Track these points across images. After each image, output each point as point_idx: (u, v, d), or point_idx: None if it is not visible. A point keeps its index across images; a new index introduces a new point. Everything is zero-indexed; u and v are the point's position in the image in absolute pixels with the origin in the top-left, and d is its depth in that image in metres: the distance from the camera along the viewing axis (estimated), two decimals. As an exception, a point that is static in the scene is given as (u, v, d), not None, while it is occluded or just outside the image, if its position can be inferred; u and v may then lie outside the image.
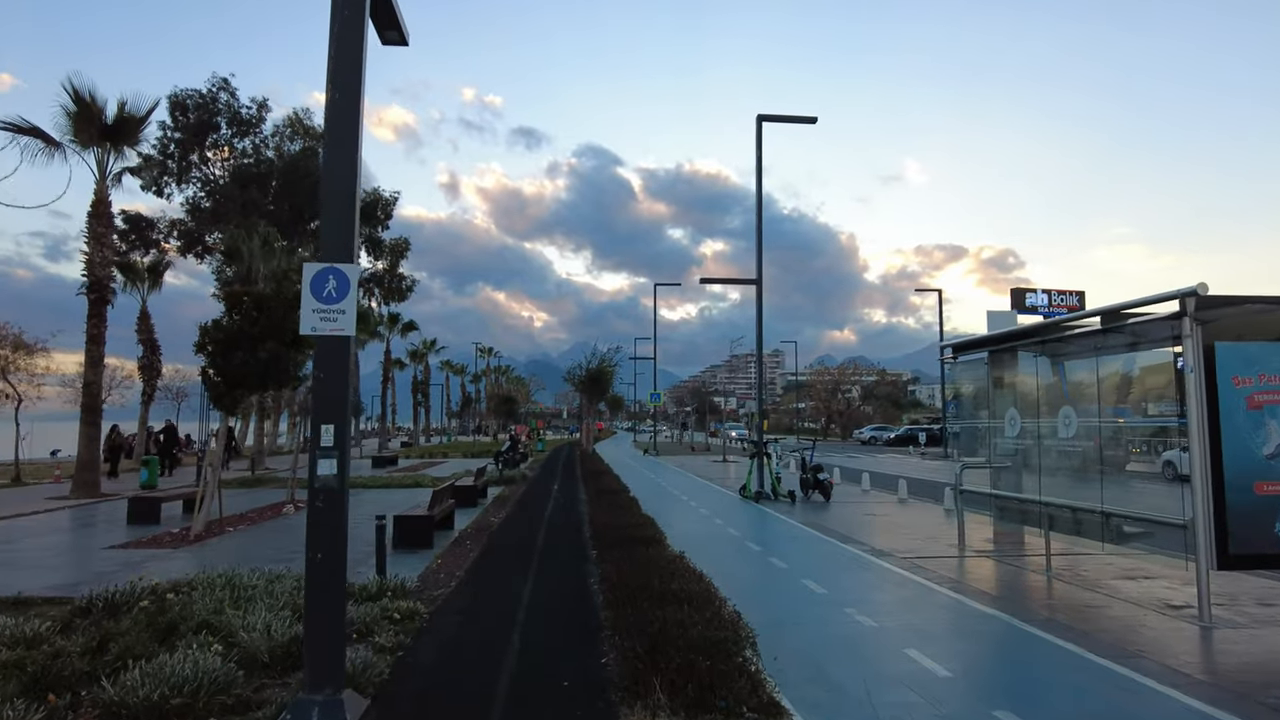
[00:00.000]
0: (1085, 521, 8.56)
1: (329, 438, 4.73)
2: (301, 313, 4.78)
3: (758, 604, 7.47)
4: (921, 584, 8.69)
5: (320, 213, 5.03)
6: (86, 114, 18.82)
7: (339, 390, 4.78)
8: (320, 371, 4.80)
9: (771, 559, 10.08)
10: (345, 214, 4.91)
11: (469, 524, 13.58)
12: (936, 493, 19.51)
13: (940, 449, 46.07)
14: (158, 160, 36.80)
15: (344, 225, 4.89)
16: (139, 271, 31.74)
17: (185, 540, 11.88)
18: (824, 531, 12.72)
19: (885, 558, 10.35)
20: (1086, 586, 8.50)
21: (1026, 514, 9.93)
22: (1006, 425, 10.32)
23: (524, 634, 6.60)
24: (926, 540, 11.91)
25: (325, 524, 4.70)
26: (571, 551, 10.64)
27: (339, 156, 4.94)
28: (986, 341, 11.00)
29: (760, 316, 18.41)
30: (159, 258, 32.14)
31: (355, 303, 4.83)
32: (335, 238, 4.87)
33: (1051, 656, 6.00)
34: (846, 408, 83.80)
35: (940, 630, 6.85)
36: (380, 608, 7.14)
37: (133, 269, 30.77)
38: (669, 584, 6.50)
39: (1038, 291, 46.61)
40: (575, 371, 45.68)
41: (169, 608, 6.78)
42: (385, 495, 18.95)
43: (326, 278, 4.80)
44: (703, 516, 14.99)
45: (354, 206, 4.94)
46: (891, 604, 7.78)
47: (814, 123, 18.56)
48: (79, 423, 19.02)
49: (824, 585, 8.55)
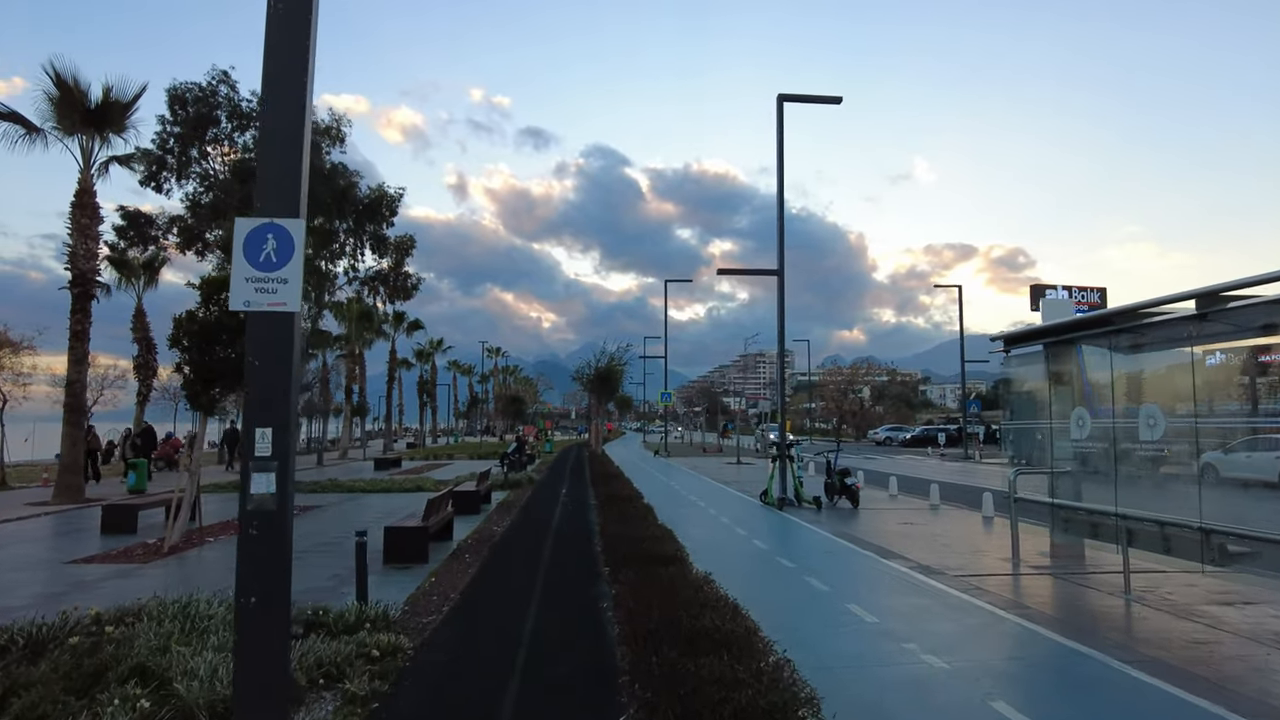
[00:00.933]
0: (1177, 538, 7.37)
1: (265, 445, 3.62)
2: (231, 282, 3.67)
3: (802, 638, 6.33)
4: (986, 610, 7.52)
5: (257, 155, 3.92)
6: (69, 98, 17.85)
7: (279, 383, 3.68)
8: (255, 358, 3.69)
9: (808, 579, 8.92)
10: (289, 155, 3.80)
11: (470, 534, 12.49)
12: (969, 498, 18.31)
13: (960, 450, 44.71)
14: (156, 155, 35.93)
15: (287, 170, 3.78)
16: (134, 268, 30.82)
17: (158, 553, 10.82)
18: (859, 544, 11.55)
19: (936, 576, 9.17)
20: (1179, 614, 7.31)
21: (1098, 527, 8.74)
22: (1073, 426, 9.13)
23: (526, 676, 5.49)
24: (974, 554, 10.73)
25: (260, 558, 3.59)
26: (581, 568, 9.52)
27: (283, 82, 3.83)
28: (1046, 332, 9.81)
29: (782, 309, 17.23)
30: (155, 253, 31.19)
31: (301, 269, 3.72)
32: (276, 186, 3.77)
33: (1181, 717, 4.83)
34: (859, 408, 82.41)
35: (1025, 672, 5.69)
36: (357, 643, 6.03)
37: (128, 265, 29.84)
38: (698, 619, 5.36)
39: (1057, 288, 45.18)
40: (584, 370, 44.53)
41: (104, 645, 5.70)
42: (384, 500, 17.90)
43: (264, 237, 3.70)
44: (723, 525, 13.83)
45: (301, 146, 3.83)
46: (958, 637, 6.62)
47: (839, 103, 17.38)
48: (61, 423, 18.03)
49: (874, 612, 7.39)
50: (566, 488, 20.98)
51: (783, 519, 14.62)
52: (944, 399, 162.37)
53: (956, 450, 46.24)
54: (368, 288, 46.39)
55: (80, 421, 18.18)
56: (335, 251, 37.84)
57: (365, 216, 38.42)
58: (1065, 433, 9.72)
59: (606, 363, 43.53)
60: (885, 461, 36.07)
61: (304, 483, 22.37)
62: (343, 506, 16.73)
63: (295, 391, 3.70)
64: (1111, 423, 8.40)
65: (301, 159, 3.81)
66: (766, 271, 17.68)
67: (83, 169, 18.58)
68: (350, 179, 36.06)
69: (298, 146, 3.79)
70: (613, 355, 43.87)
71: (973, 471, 30.34)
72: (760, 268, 19.10)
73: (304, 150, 3.82)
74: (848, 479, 16.35)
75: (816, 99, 17.51)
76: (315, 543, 11.73)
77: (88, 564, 10.16)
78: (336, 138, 36.83)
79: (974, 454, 41.19)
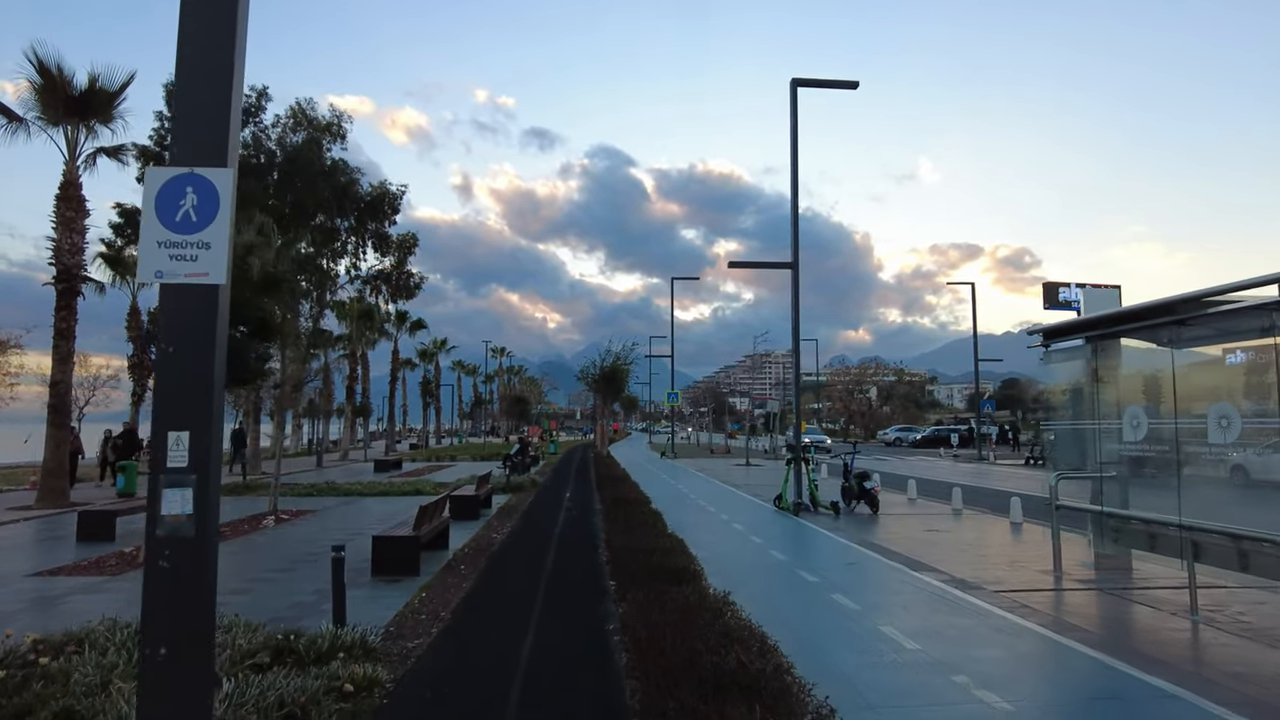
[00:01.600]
0: (1257, 554, 6.54)
1: (180, 453, 2.84)
2: (139, 248, 2.90)
3: (836, 670, 5.54)
4: (1038, 634, 6.70)
5: (175, 94, 3.13)
6: (52, 86, 17.15)
7: (200, 375, 2.90)
8: (168, 342, 2.91)
9: (835, 596, 8.11)
10: (215, 87, 3.02)
11: (466, 542, 11.71)
12: (991, 502, 17.46)
13: (973, 450, 43.77)
14: (154, 151, 35.33)
15: (212, 106, 3.00)
16: (130, 266, 30.14)
17: (133, 563, 10.07)
18: (885, 554, 10.73)
19: (974, 591, 8.36)
20: (1263, 639, 6.48)
21: (1156, 539, 7.91)
22: (1126, 427, 8.29)
23: (523, 717, 4.71)
24: (1011, 566, 9.90)
25: (173, 597, 2.81)
26: (585, 583, 8.73)
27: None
28: (1091, 324, 8.98)
29: (796, 301, 16.39)
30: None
31: (229, 232, 2.94)
32: (197, 126, 2.99)
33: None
34: (867, 408, 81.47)
35: (1104, 716, 4.87)
36: (328, 675, 5.25)
37: (122, 263, 29.16)
38: (723, 656, 4.57)
39: (1071, 286, 44.14)
40: (589, 370, 43.72)
41: (32, 681, 4.95)
42: (381, 504, 17.14)
43: (181, 191, 2.93)
44: (737, 533, 13.02)
45: (231, 76, 3.05)
46: (1013, 668, 5.81)
47: (855, 87, 16.54)
48: (46, 424, 17.33)
49: (912, 635, 6.58)
50: (570, 491, 20.20)
51: (799, 526, 13.80)
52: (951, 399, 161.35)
53: (969, 451, 45.31)
54: (370, 287, 45.74)
55: (65, 423, 17.48)
56: (337, 250, 37.18)
57: (367, 214, 37.72)
58: (1113, 434, 8.89)
59: (612, 362, 42.73)
60: (897, 463, 35.20)
61: (299, 485, 21.66)
62: (337, 511, 15.98)
63: (219, 385, 2.93)
64: (1174, 423, 7.56)
65: (231, 93, 3.03)
66: (780, 265, 16.87)
67: (67, 160, 17.88)
68: (351, 175, 35.39)
69: (226, 76, 3.02)
70: (618, 354, 43.08)
71: (988, 473, 29.48)
72: (769, 263, 18.29)
73: (235, 83, 3.04)
74: (866, 482, 15.52)
75: (831, 83, 16.68)
76: (303, 552, 10.98)
77: (54, 576, 9.42)
78: (337, 134, 36.15)
79: (988, 455, 40.27)
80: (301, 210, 38.22)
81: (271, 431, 39.74)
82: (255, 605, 7.75)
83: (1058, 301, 42.46)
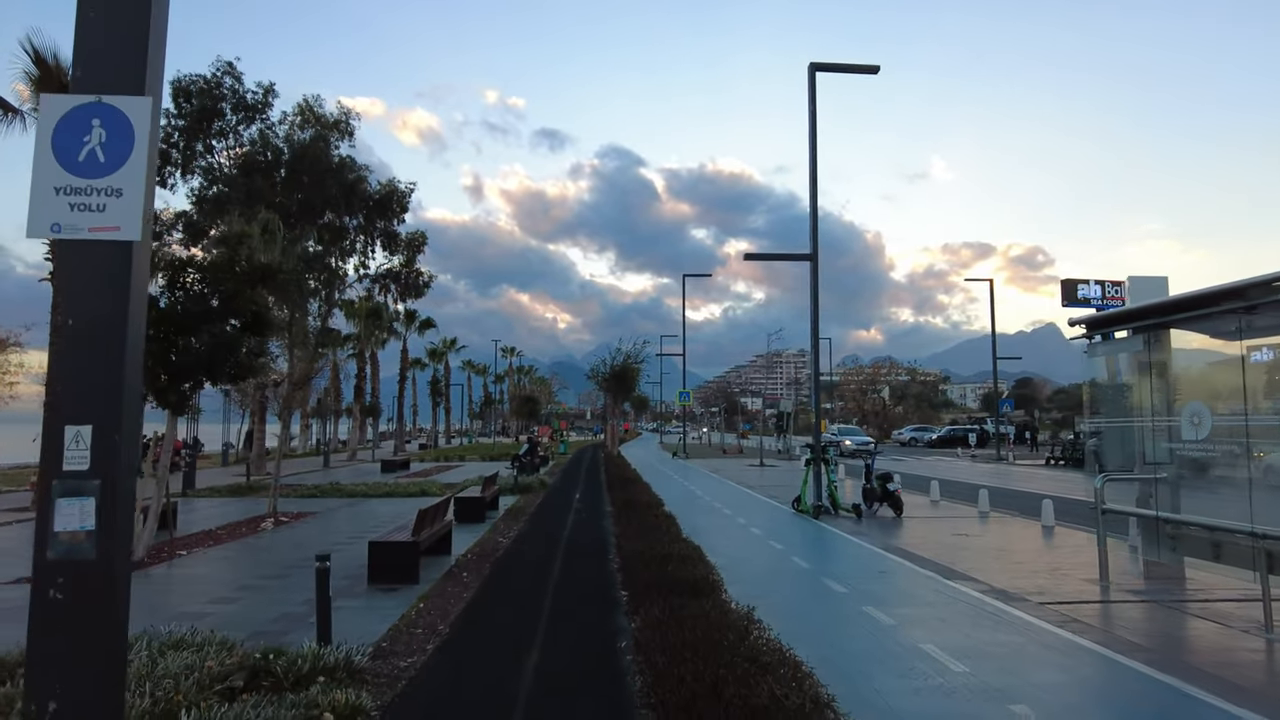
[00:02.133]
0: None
1: (80, 453, 2.26)
2: (31, 193, 2.30)
3: (878, 698, 4.90)
4: (1097, 653, 6.04)
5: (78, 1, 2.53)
6: (48, 76, 16.63)
7: (110, 355, 2.30)
8: (67, 314, 2.31)
9: (867, 609, 7.45)
10: None
11: (470, 547, 11.13)
12: (1018, 503, 16.72)
13: (992, 450, 42.86)
14: (160, 149, 35.11)
15: (128, 18, 2.40)
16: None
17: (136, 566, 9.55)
18: (915, 560, 10.06)
19: (1016, 603, 7.68)
20: (1350, 662, 5.79)
21: (1222, 547, 7.21)
22: (1185, 425, 7.59)
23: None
24: (1051, 573, 9.22)
25: (67, 640, 2.21)
26: (595, 594, 8.12)
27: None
28: (1142, 314, 8.27)
29: (816, 295, 15.70)
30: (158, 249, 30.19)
31: (146, 176, 2.34)
32: (106, 44, 2.39)
33: None
34: (881, 408, 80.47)
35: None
36: (305, 704, 4.67)
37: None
38: (752, 688, 3.94)
39: (1089, 283, 43.13)
40: (599, 369, 43.08)
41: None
42: (386, 506, 16.61)
43: (86, 124, 2.34)
44: (755, 538, 12.36)
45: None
46: (1077, 696, 5.15)
47: (875, 72, 15.86)
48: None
49: (957, 655, 5.93)
50: (580, 493, 19.61)
51: (821, 530, 13.13)
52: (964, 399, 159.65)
53: (987, 451, 44.41)
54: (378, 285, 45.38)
55: (62, 422, 17.03)
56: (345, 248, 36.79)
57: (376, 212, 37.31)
58: (1166, 432, 8.20)
59: (622, 361, 42.10)
60: (915, 463, 34.41)
61: (303, 486, 21.20)
62: (339, 513, 15.45)
63: (134, 369, 2.34)
64: (1244, 421, 6.86)
65: (154, 10, 2.43)
66: (799, 256, 16.19)
67: (65, 153, 17.45)
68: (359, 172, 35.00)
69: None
70: (629, 353, 42.44)
71: (1009, 474, 28.69)
72: (790, 253, 17.62)
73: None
74: (889, 484, 14.82)
75: (850, 68, 16.01)
76: (299, 557, 10.42)
77: (28, 584, 8.89)
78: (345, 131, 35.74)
79: (1007, 455, 39.39)
80: (309, 208, 37.88)
81: (278, 431, 39.39)
82: (239, 617, 7.20)
83: (1076, 299, 41.51)
